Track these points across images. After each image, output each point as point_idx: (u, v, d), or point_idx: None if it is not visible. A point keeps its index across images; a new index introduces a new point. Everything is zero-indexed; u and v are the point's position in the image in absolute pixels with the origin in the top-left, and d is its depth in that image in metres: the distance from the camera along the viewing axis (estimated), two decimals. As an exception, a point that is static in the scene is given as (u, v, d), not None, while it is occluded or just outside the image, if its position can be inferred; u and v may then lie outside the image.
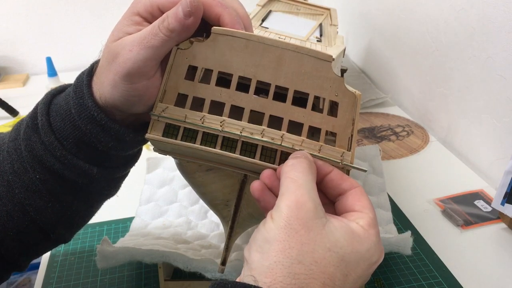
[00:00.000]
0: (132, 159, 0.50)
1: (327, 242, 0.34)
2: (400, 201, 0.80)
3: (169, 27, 0.39)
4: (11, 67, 1.51)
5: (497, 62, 0.80)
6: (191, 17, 0.39)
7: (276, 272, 0.33)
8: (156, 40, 0.39)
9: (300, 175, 0.37)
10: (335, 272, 0.34)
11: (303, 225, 0.34)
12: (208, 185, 0.45)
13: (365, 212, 0.38)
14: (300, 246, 0.33)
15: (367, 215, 0.37)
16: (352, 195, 0.39)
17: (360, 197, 0.38)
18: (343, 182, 0.39)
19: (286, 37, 0.55)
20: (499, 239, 0.71)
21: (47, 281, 0.66)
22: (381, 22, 1.20)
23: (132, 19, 0.42)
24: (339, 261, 0.34)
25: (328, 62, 0.40)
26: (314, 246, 0.33)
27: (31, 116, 0.45)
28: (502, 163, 0.81)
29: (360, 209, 0.38)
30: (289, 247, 0.33)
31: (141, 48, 0.40)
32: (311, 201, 0.35)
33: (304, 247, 0.33)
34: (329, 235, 0.34)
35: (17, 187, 0.45)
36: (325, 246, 0.34)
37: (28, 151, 0.44)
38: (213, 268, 0.56)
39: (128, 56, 0.40)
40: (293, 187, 0.36)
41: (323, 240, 0.34)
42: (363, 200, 0.38)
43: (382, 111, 1.13)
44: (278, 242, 0.33)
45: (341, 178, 0.40)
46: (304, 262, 0.33)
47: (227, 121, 0.41)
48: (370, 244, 0.36)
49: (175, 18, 0.39)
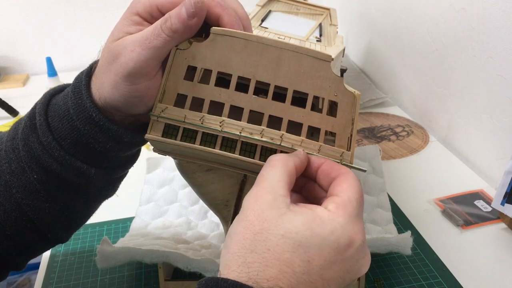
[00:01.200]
0: (131, 160, 0.49)
1: (281, 229, 0.33)
2: (400, 201, 0.80)
3: (172, 27, 0.39)
4: (11, 67, 1.51)
5: (497, 62, 0.80)
6: (194, 18, 0.39)
7: (232, 263, 0.34)
8: (159, 40, 0.39)
9: (268, 169, 0.37)
10: (292, 258, 0.33)
11: (257, 216, 0.34)
12: (207, 185, 0.45)
13: (339, 196, 0.36)
14: (253, 236, 0.34)
15: (340, 198, 0.36)
16: (336, 181, 0.38)
17: (342, 182, 0.37)
18: (332, 171, 0.39)
19: (286, 37, 0.55)
20: (499, 239, 0.71)
21: (47, 281, 0.66)
22: (381, 22, 1.20)
23: (132, 19, 0.41)
24: (295, 246, 0.33)
25: (327, 62, 0.40)
26: (267, 235, 0.33)
27: (30, 116, 0.45)
28: (502, 163, 0.81)
29: (336, 193, 0.37)
30: (243, 238, 0.34)
31: (142, 48, 0.39)
32: (269, 194, 0.35)
33: (257, 236, 0.34)
34: (285, 222, 0.34)
35: (15, 187, 0.45)
36: (279, 233, 0.33)
37: (26, 151, 0.44)
38: (213, 268, 0.56)
39: (130, 57, 0.40)
40: (258, 182, 0.37)
41: (277, 227, 0.34)
42: (343, 183, 0.37)
43: (382, 111, 1.13)
44: (235, 235, 0.35)
45: (331, 167, 0.39)
46: (256, 251, 0.33)
47: (226, 121, 0.41)
48: (335, 225, 0.34)
49: (179, 18, 0.39)
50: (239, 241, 0.34)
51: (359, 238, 0.35)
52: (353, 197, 0.36)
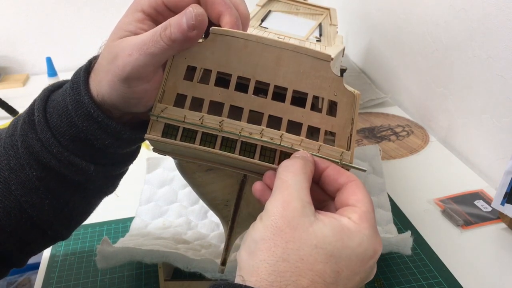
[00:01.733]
0: (130, 157, 0.49)
1: (313, 239, 0.33)
2: (400, 201, 0.80)
3: (171, 36, 0.38)
4: (11, 67, 1.51)
5: (497, 62, 0.80)
6: (194, 30, 0.38)
7: (261, 270, 0.33)
8: (156, 47, 0.39)
9: (290, 175, 0.37)
10: (325, 268, 0.33)
11: (288, 224, 0.34)
12: (207, 185, 0.45)
13: (358, 206, 0.37)
14: (285, 244, 0.33)
15: (360, 208, 0.36)
16: (347, 189, 0.38)
17: (355, 190, 0.38)
18: (340, 177, 0.39)
19: (286, 37, 0.55)
20: (499, 239, 0.71)
21: (47, 281, 0.66)
22: (381, 22, 1.20)
23: (135, 16, 0.41)
24: (327, 257, 0.33)
25: (327, 62, 0.40)
26: (300, 244, 0.33)
27: (28, 112, 0.45)
28: (502, 163, 0.81)
29: (353, 203, 0.37)
30: (274, 245, 0.33)
31: (140, 54, 0.39)
32: (298, 200, 0.35)
33: (289, 244, 0.33)
34: (316, 232, 0.34)
35: (14, 184, 0.44)
36: (312, 243, 0.33)
37: (24, 148, 0.44)
38: (213, 268, 0.56)
39: (127, 61, 0.39)
40: (282, 188, 0.36)
41: (309, 237, 0.33)
42: (358, 193, 0.37)
43: (382, 111, 1.13)
44: (263, 241, 0.34)
45: (337, 173, 0.39)
46: (289, 260, 0.33)
47: (226, 121, 0.41)
48: (362, 238, 0.35)
49: (178, 28, 0.38)
50: (269, 248, 0.33)
51: (379, 249, 0.36)
52: (370, 208, 0.37)
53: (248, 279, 0.33)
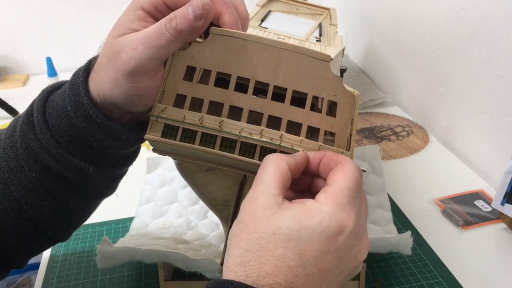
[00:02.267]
0: (130, 158, 0.49)
1: (271, 227, 0.34)
2: (400, 201, 0.80)
3: (177, 27, 0.38)
4: (11, 67, 1.51)
5: (497, 62, 0.80)
6: (201, 20, 0.38)
7: (230, 263, 0.35)
8: (162, 40, 0.39)
9: (261, 170, 0.38)
10: (285, 252, 0.33)
11: (251, 217, 0.35)
12: (207, 186, 0.45)
13: (331, 185, 0.36)
14: (247, 236, 0.34)
15: (332, 187, 0.36)
16: (332, 171, 0.38)
17: (337, 171, 0.37)
18: (331, 162, 0.38)
19: (285, 37, 0.55)
20: (499, 239, 0.71)
21: (47, 281, 0.66)
22: (381, 22, 1.20)
23: (136, 13, 0.41)
24: (286, 241, 0.34)
25: (326, 62, 0.40)
26: (260, 234, 0.34)
27: (27, 113, 0.45)
28: (502, 163, 0.81)
29: (329, 183, 0.37)
30: (239, 239, 0.35)
31: (145, 47, 0.39)
32: (261, 195, 0.36)
33: (251, 236, 0.34)
34: (276, 220, 0.34)
35: (13, 185, 0.44)
36: (270, 230, 0.34)
37: (23, 149, 0.44)
38: (213, 268, 0.56)
39: (132, 54, 0.39)
40: (253, 186, 0.37)
41: (268, 225, 0.34)
42: (338, 172, 0.37)
43: (382, 111, 1.13)
44: (234, 237, 0.36)
45: (329, 158, 0.39)
46: (251, 250, 0.34)
47: (225, 121, 0.41)
48: (323, 215, 0.34)
49: (184, 19, 0.38)
50: (236, 242, 0.35)
51: (349, 224, 0.35)
52: (344, 185, 0.36)
53: (224, 274, 0.35)
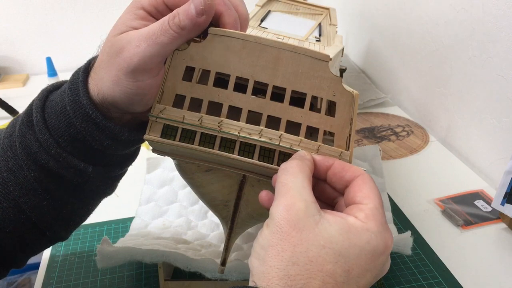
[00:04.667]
0: (129, 159, 0.49)
1: (320, 240, 0.33)
2: (400, 201, 0.80)
3: (180, 24, 0.39)
4: (11, 67, 1.51)
5: (497, 62, 0.79)
6: (203, 16, 0.39)
7: (272, 276, 0.33)
8: (166, 36, 0.39)
9: (289, 177, 0.36)
10: (335, 268, 0.33)
11: (294, 227, 0.34)
12: (207, 186, 0.45)
13: (364, 203, 0.36)
14: (292, 248, 0.33)
15: (366, 206, 0.36)
16: (354, 186, 0.38)
17: (361, 186, 0.37)
18: (346, 173, 0.38)
19: (285, 37, 0.55)
20: (499, 239, 0.71)
21: (47, 281, 0.66)
22: (381, 22, 1.20)
23: (137, 13, 0.41)
24: (336, 257, 0.33)
25: (325, 62, 0.40)
26: (308, 246, 0.33)
27: (27, 113, 0.45)
28: (502, 163, 0.81)
29: (360, 200, 0.37)
30: (282, 250, 0.33)
31: (148, 44, 0.39)
32: (300, 201, 0.35)
33: (297, 248, 0.33)
34: (322, 232, 0.34)
35: (12, 184, 0.44)
36: (319, 243, 0.33)
37: (22, 148, 0.44)
38: (213, 268, 0.56)
39: (135, 52, 0.39)
40: (283, 191, 0.36)
41: (316, 238, 0.33)
42: (364, 189, 0.37)
43: (382, 111, 1.13)
44: (271, 247, 0.34)
45: (343, 169, 0.39)
46: (298, 263, 0.33)
47: (225, 121, 0.41)
48: (370, 235, 0.34)
49: (187, 15, 0.38)
50: (277, 253, 0.33)
51: (390, 245, 0.36)
52: (378, 203, 0.36)
53: (259, 284, 0.33)
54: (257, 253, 0.35)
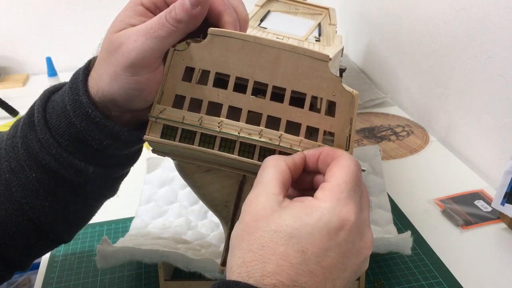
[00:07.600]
0: (130, 160, 0.49)
1: (272, 225, 0.34)
2: (400, 201, 0.80)
3: (177, 17, 0.39)
4: (11, 67, 1.51)
5: (497, 62, 0.79)
6: (198, 7, 0.39)
7: (233, 264, 0.35)
8: (163, 30, 0.39)
9: (260, 172, 0.38)
10: (286, 250, 0.33)
11: (252, 218, 0.35)
12: (207, 186, 0.45)
13: (329, 181, 0.36)
14: (248, 236, 0.34)
15: (330, 183, 0.36)
16: (329, 167, 0.38)
17: (333, 166, 0.37)
18: (329, 158, 0.38)
19: (284, 37, 0.55)
20: (499, 239, 0.71)
21: (47, 281, 0.66)
22: (381, 22, 1.20)
23: (136, 9, 0.41)
24: (287, 239, 0.33)
25: (325, 62, 0.40)
26: (261, 233, 0.34)
27: (29, 113, 0.45)
28: (502, 163, 0.81)
29: (327, 178, 0.37)
30: (241, 239, 0.35)
31: (146, 38, 0.39)
32: (262, 195, 0.36)
33: (252, 236, 0.34)
34: (276, 218, 0.34)
35: (14, 185, 0.44)
36: (271, 229, 0.34)
37: (24, 149, 0.44)
38: (213, 268, 0.56)
39: (133, 46, 0.39)
40: (253, 186, 0.37)
41: (268, 224, 0.34)
42: (334, 168, 0.37)
43: (382, 111, 1.13)
44: (235, 238, 0.36)
45: (327, 154, 0.39)
46: (253, 250, 0.34)
47: (225, 122, 0.41)
48: (322, 211, 0.34)
49: (182, 8, 0.39)
50: (238, 243, 0.35)
51: (349, 219, 0.35)
52: (341, 179, 0.36)
53: (228, 275, 0.35)
54: (230, 247, 0.37)
